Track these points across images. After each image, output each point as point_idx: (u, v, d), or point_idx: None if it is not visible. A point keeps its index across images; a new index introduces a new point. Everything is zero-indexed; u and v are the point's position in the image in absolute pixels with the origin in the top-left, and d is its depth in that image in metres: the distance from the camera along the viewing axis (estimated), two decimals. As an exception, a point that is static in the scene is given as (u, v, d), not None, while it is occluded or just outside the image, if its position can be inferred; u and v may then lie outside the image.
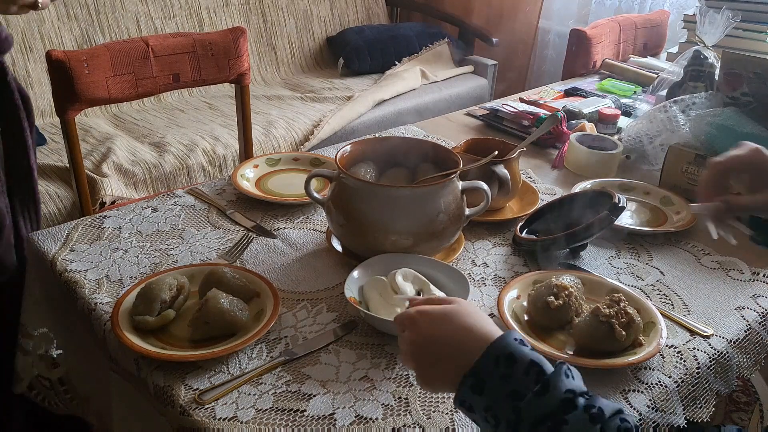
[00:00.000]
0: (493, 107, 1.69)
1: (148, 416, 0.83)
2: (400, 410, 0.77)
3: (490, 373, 0.62)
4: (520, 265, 1.07)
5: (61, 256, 1.02)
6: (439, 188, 0.98)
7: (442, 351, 0.66)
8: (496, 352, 0.62)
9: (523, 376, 0.61)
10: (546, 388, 0.60)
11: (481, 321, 0.67)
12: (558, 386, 0.59)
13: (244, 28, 1.74)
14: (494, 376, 0.61)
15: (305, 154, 1.37)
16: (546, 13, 3.24)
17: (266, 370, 0.82)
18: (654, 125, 1.42)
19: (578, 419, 0.58)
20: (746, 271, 1.08)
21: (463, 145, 1.24)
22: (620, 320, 0.84)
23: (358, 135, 2.49)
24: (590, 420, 0.58)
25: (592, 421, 0.58)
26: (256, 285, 0.93)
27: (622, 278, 1.04)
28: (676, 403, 0.82)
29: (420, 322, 0.68)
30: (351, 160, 1.08)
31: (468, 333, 0.66)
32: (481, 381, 0.62)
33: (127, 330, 0.84)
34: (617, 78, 2.03)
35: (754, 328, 0.96)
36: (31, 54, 2.32)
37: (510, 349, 0.62)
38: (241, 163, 1.30)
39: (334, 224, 1.03)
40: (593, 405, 0.59)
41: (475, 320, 0.67)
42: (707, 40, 1.72)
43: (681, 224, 1.17)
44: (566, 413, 0.59)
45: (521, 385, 0.60)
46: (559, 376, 0.60)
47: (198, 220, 1.15)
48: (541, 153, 1.51)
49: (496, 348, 0.63)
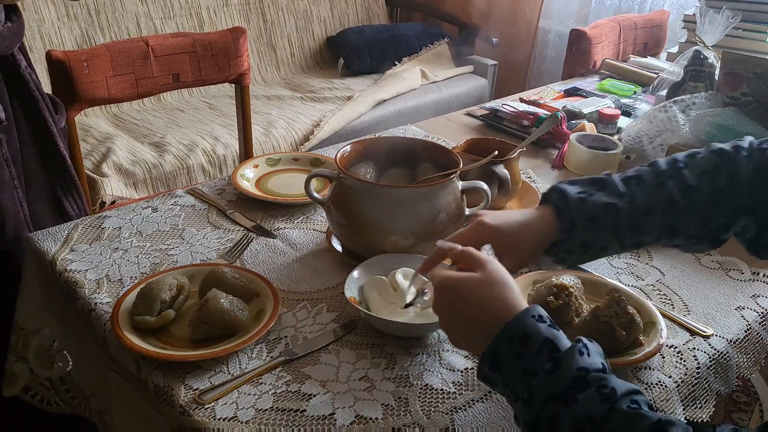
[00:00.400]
0: (493, 107, 1.69)
1: (148, 416, 0.83)
2: (400, 410, 0.77)
3: (506, 351, 0.63)
4: (520, 265, 1.07)
5: (61, 256, 1.02)
6: (439, 188, 0.98)
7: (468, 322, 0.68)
8: (510, 332, 0.64)
9: (536, 354, 0.62)
10: (558, 366, 0.61)
11: (504, 293, 0.68)
12: (570, 364, 0.60)
13: (244, 28, 1.74)
14: (509, 355, 0.63)
15: (305, 154, 1.37)
16: (546, 12, 3.24)
17: (266, 370, 0.82)
18: (654, 125, 1.42)
19: (588, 398, 0.59)
20: (746, 271, 1.08)
21: (463, 145, 1.24)
22: (620, 320, 0.84)
23: (358, 135, 2.49)
24: (600, 400, 0.59)
25: (602, 400, 0.59)
26: (256, 285, 0.93)
27: (622, 278, 1.05)
28: (676, 403, 0.82)
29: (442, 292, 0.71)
30: (351, 160, 1.08)
31: (491, 307, 0.67)
32: (498, 359, 0.64)
33: (127, 330, 0.84)
34: (617, 78, 2.03)
35: (754, 328, 0.96)
36: (31, 54, 2.32)
37: (525, 329, 0.64)
38: (241, 164, 1.30)
39: (334, 224, 1.03)
40: (606, 385, 0.59)
41: (500, 293, 0.68)
42: (707, 40, 1.72)
43: (681, 224, 1.17)
44: (577, 392, 0.59)
45: (535, 363, 0.62)
46: (572, 354, 0.61)
47: (198, 220, 1.15)
48: (541, 153, 1.51)
49: (511, 327, 0.64)
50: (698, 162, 0.81)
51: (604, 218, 0.80)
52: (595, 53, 2.13)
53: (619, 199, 0.80)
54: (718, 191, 0.79)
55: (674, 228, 0.81)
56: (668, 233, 0.81)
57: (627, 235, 0.81)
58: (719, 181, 0.79)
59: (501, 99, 1.83)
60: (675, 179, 0.81)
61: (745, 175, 0.79)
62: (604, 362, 0.63)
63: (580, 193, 0.82)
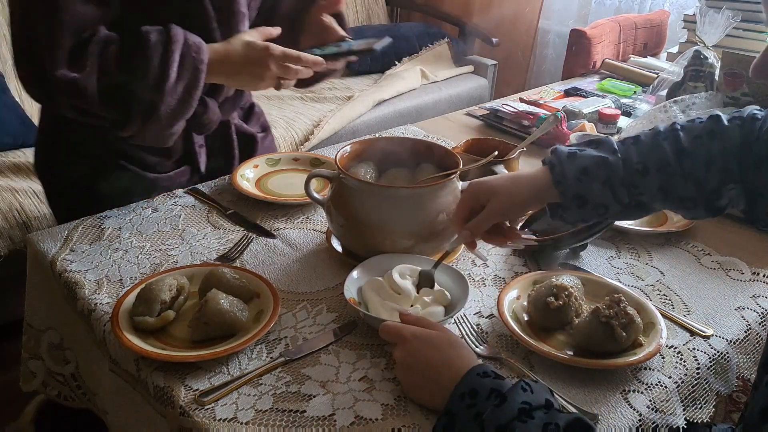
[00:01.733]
0: (493, 107, 1.69)
1: (148, 417, 0.83)
2: (399, 410, 0.77)
3: (458, 406, 0.70)
4: (520, 265, 1.07)
5: (61, 257, 1.02)
6: (439, 188, 0.98)
7: (426, 375, 0.76)
8: (461, 390, 0.71)
9: (484, 402, 0.69)
10: (503, 400, 0.67)
11: (458, 353, 0.77)
12: (514, 398, 0.67)
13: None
14: (461, 408, 0.69)
15: (305, 154, 1.37)
16: (546, 13, 3.23)
17: (266, 370, 0.82)
18: (654, 125, 1.42)
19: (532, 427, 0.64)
20: (746, 271, 1.08)
21: (463, 145, 1.24)
22: (620, 321, 0.84)
23: (358, 135, 2.49)
24: None
25: None
26: (256, 285, 0.93)
27: (622, 278, 1.04)
28: (676, 403, 0.82)
29: (409, 343, 0.78)
30: (351, 160, 1.08)
31: (446, 366, 0.75)
32: (452, 417, 0.70)
33: (127, 330, 0.84)
34: (617, 78, 2.03)
35: (754, 329, 0.96)
36: (31, 54, 2.32)
37: (472, 385, 0.70)
38: (240, 164, 1.30)
39: (334, 224, 1.03)
40: (551, 422, 0.65)
41: (454, 353, 0.76)
42: (707, 40, 1.72)
43: (681, 224, 1.17)
44: (523, 421, 0.65)
45: (483, 407, 0.68)
46: (515, 390, 0.68)
47: (198, 220, 1.15)
48: (541, 153, 1.50)
49: (461, 386, 0.71)
50: (695, 126, 0.84)
51: (594, 171, 0.83)
52: (595, 53, 2.13)
53: (611, 154, 0.84)
54: (710, 156, 0.81)
55: (668, 188, 0.83)
56: (663, 194, 0.83)
57: (623, 192, 0.83)
58: (712, 147, 0.82)
59: (501, 99, 1.83)
60: (670, 140, 0.83)
61: (735, 144, 0.81)
62: (549, 398, 0.69)
63: (573, 149, 0.86)
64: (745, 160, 0.80)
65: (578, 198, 0.84)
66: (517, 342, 0.88)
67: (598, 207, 0.84)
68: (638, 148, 0.84)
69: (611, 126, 1.58)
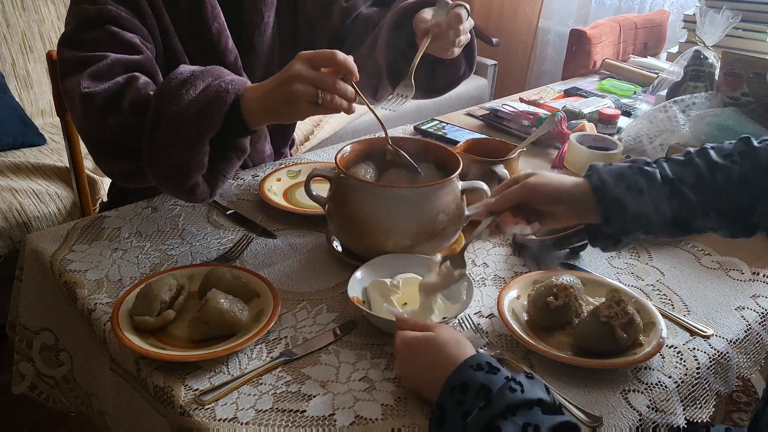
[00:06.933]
0: (493, 107, 1.69)
1: (148, 417, 0.83)
2: (399, 410, 0.77)
3: (449, 401, 0.70)
4: (520, 265, 1.07)
5: (61, 257, 1.02)
6: (439, 188, 0.98)
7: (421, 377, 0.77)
8: (452, 383, 0.71)
9: (473, 399, 0.68)
10: (489, 403, 0.67)
11: (452, 349, 0.76)
12: (499, 403, 0.66)
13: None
14: (452, 403, 0.70)
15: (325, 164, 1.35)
16: (546, 13, 3.24)
17: (266, 370, 0.82)
18: (654, 125, 1.42)
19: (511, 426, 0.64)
20: (746, 271, 1.08)
21: (463, 145, 1.24)
22: (620, 320, 0.84)
23: (358, 135, 2.49)
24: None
25: None
26: (256, 285, 0.93)
27: (622, 278, 1.04)
28: (676, 403, 0.82)
29: (402, 352, 0.79)
30: (351, 161, 1.08)
31: (439, 364, 0.75)
32: (443, 412, 0.70)
33: (127, 330, 0.84)
34: (617, 78, 2.03)
35: (754, 328, 0.96)
36: (31, 54, 2.32)
37: (463, 379, 0.70)
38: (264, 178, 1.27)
39: (334, 224, 1.03)
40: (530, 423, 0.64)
41: (447, 351, 0.76)
42: (707, 40, 1.72)
43: (681, 224, 1.17)
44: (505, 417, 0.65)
45: (471, 406, 0.68)
46: (502, 392, 0.67)
47: (198, 220, 1.15)
48: (541, 153, 1.51)
49: (452, 379, 0.71)
50: (725, 147, 0.87)
51: (632, 176, 0.84)
52: (595, 53, 2.13)
53: (646, 165, 0.86)
54: (742, 172, 0.83)
55: (706, 201, 0.84)
56: (702, 206, 0.84)
57: (663, 202, 0.83)
58: (745, 165, 0.83)
59: (501, 99, 1.83)
60: (702, 157, 0.85)
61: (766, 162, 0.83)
62: (543, 396, 0.68)
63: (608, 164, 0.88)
64: None
65: (617, 203, 0.83)
66: (517, 342, 0.88)
67: (639, 216, 0.83)
68: (670, 164, 0.86)
69: (611, 126, 1.58)
